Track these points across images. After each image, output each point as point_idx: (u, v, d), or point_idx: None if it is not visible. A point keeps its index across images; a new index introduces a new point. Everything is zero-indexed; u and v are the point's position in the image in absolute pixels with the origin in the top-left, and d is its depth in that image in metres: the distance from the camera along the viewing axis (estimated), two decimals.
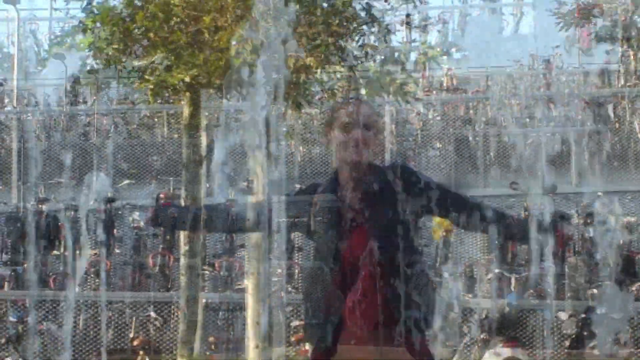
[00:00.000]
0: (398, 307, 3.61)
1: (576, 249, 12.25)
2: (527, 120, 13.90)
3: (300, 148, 13.57)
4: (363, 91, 5.46)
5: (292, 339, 9.29)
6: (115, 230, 13.19)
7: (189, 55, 6.67)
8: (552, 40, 17.34)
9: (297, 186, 4.52)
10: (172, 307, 9.99)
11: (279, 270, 5.23)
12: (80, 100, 16.07)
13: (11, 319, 11.21)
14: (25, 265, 13.50)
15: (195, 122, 7.58)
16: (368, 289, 3.70)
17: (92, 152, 14.63)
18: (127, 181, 14.04)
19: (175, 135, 14.48)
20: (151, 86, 7.35)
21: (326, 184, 3.77)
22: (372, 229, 3.58)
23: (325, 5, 6.08)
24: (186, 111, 7.59)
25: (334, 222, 3.62)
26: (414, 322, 3.59)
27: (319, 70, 6.08)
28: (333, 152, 3.80)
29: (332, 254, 3.70)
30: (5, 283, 13.83)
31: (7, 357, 10.15)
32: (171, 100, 13.80)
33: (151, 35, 6.83)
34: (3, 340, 10.40)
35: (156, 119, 15.06)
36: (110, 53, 7.11)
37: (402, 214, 3.63)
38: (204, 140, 5.25)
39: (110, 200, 12.96)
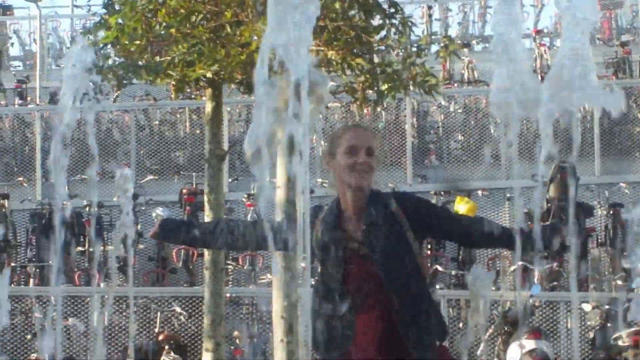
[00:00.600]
0: (407, 334, 3.64)
1: (599, 240, 12.21)
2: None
3: (322, 142, 13.59)
4: (384, 86, 5.45)
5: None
6: (139, 226, 13.25)
7: (210, 51, 6.68)
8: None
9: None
10: (197, 301, 10.02)
11: (303, 265, 5.21)
12: (102, 97, 16.14)
13: (37, 314, 11.31)
14: (51, 261, 13.56)
15: (217, 117, 7.61)
16: (376, 319, 3.72)
17: (116, 149, 14.70)
18: (150, 177, 14.10)
19: (198, 131, 14.51)
20: (173, 82, 7.39)
21: (328, 213, 3.77)
22: (377, 259, 3.61)
23: None
24: (208, 106, 7.62)
25: (338, 253, 3.64)
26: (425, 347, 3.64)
27: (340, 64, 6.08)
28: (334, 178, 3.79)
29: (338, 283, 3.72)
30: (31, 279, 13.96)
31: (33, 353, 10.23)
32: (193, 96, 13.86)
33: (173, 31, 6.85)
34: (29, 337, 10.49)
35: (178, 115, 15.10)
36: (132, 49, 7.14)
37: (407, 242, 3.65)
38: (226, 135, 5.27)
39: (134, 197, 13.03)
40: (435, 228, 3.92)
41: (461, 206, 11.03)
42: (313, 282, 4.47)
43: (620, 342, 7.40)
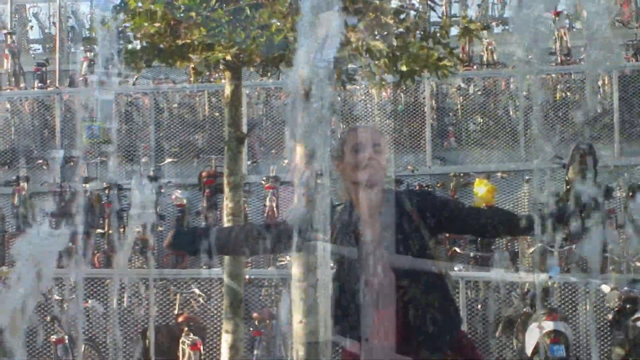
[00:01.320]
0: (421, 334, 3.67)
1: (618, 222, 12.18)
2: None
3: (341, 125, 13.58)
4: (403, 67, 5.45)
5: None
6: (158, 208, 13.33)
7: (230, 33, 6.68)
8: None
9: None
10: (216, 283, 10.08)
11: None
12: (122, 80, 16.18)
13: (56, 297, 11.42)
14: (70, 243, 13.67)
15: (237, 99, 7.63)
16: (391, 318, 3.76)
17: (135, 131, 14.79)
18: (169, 160, 14.18)
19: (217, 114, 14.57)
20: (193, 65, 7.41)
21: (343, 212, 3.81)
22: (393, 260, 3.64)
23: None
24: (227, 89, 7.64)
25: (353, 254, 3.69)
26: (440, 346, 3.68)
27: (360, 46, 6.07)
28: (344, 182, 3.83)
29: (353, 282, 3.76)
30: None
31: (52, 335, 10.32)
32: (212, 79, 13.91)
33: (192, 14, 6.86)
34: (48, 319, 10.58)
35: (197, 98, 15.16)
36: (152, 32, 7.15)
37: (422, 242, 3.68)
38: (245, 118, 5.29)
39: (153, 179, 13.10)
40: (450, 226, 3.97)
41: (480, 188, 11.02)
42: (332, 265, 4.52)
43: (639, 324, 7.40)
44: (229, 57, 6.97)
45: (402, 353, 3.63)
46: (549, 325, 6.46)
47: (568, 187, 10.43)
